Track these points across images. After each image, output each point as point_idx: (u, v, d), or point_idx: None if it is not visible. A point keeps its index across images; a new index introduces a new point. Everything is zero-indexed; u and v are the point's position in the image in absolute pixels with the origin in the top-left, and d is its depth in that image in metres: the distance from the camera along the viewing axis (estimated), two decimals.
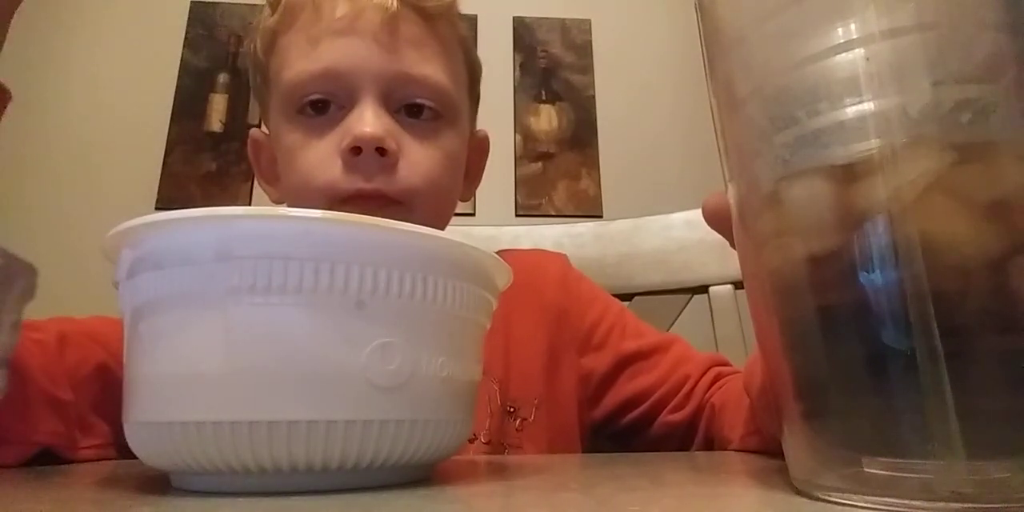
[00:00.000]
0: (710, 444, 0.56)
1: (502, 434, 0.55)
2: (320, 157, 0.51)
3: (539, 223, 0.93)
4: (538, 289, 0.63)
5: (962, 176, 0.20)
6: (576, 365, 0.61)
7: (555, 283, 0.65)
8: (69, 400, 0.43)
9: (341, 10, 0.52)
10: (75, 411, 0.43)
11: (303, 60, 0.52)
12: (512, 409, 0.57)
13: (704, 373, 0.59)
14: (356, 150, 0.49)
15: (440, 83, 0.54)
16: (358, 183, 0.50)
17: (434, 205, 0.54)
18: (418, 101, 0.53)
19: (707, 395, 0.57)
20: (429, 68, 0.54)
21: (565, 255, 0.70)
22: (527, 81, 2.04)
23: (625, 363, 0.61)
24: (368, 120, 0.50)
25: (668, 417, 0.58)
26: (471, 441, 0.53)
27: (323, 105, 0.52)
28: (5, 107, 0.45)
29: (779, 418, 0.24)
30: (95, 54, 1.96)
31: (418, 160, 0.52)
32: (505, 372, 0.58)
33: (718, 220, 0.29)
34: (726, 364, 0.62)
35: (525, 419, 0.56)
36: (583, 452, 0.60)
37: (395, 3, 0.52)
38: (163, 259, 0.25)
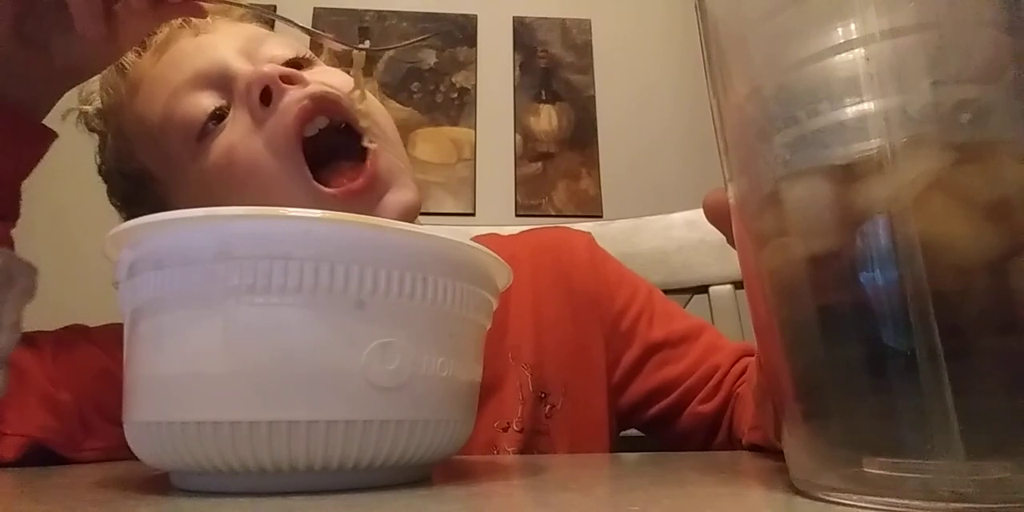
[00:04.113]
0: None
1: (534, 421, 0.54)
2: (243, 141, 0.48)
3: (539, 223, 0.93)
4: (566, 271, 0.62)
5: (962, 176, 0.20)
6: (604, 352, 0.60)
7: (584, 265, 0.63)
8: (66, 400, 0.43)
9: (174, 48, 0.52)
10: (74, 410, 0.43)
11: (174, 89, 0.50)
12: (544, 395, 0.55)
13: (734, 363, 0.58)
14: (265, 96, 0.47)
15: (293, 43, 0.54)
16: (298, 103, 0.47)
17: (383, 124, 0.53)
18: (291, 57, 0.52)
19: (735, 386, 0.56)
20: (273, 45, 0.53)
21: (590, 233, 0.68)
22: (527, 81, 2.04)
23: (652, 351, 0.60)
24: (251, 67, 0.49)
25: (698, 408, 0.56)
26: (504, 430, 0.52)
27: (220, 112, 0.49)
28: (48, 147, 0.47)
29: (779, 418, 0.24)
30: None
31: (332, 74, 0.51)
32: (536, 357, 0.56)
33: (718, 216, 0.29)
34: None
35: (554, 406, 0.55)
36: (611, 441, 0.59)
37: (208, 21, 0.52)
38: (163, 259, 0.25)
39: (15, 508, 0.23)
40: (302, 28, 0.49)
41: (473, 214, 1.89)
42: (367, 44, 0.53)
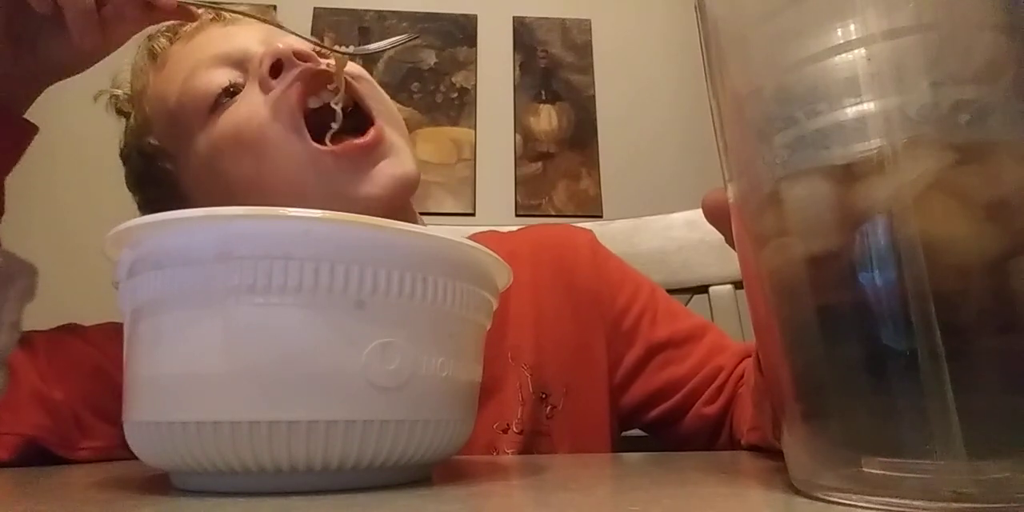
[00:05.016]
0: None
1: (535, 422, 0.54)
2: (249, 108, 0.49)
3: (539, 223, 0.93)
4: (567, 269, 0.62)
5: (962, 176, 0.20)
6: (605, 351, 0.60)
7: (585, 263, 0.63)
8: (60, 399, 0.43)
9: (201, 35, 0.54)
10: (68, 409, 0.43)
11: (194, 66, 0.52)
12: (544, 395, 0.55)
13: (738, 364, 0.57)
14: (276, 69, 0.49)
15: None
16: (305, 75, 0.48)
17: (392, 111, 0.54)
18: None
19: (737, 387, 0.55)
20: (293, 39, 0.54)
21: (592, 231, 0.68)
22: (527, 81, 2.04)
23: (655, 351, 0.59)
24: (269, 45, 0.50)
25: (702, 410, 0.56)
26: (504, 432, 0.52)
27: (234, 88, 0.51)
28: (30, 140, 0.48)
29: (778, 418, 0.24)
30: None
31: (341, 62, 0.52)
32: (536, 358, 0.56)
33: (717, 216, 0.29)
34: None
35: (555, 407, 0.55)
36: (613, 442, 0.58)
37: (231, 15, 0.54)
38: (163, 259, 0.25)
39: (15, 508, 0.23)
40: (291, 32, 0.51)
41: (473, 214, 1.89)
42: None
